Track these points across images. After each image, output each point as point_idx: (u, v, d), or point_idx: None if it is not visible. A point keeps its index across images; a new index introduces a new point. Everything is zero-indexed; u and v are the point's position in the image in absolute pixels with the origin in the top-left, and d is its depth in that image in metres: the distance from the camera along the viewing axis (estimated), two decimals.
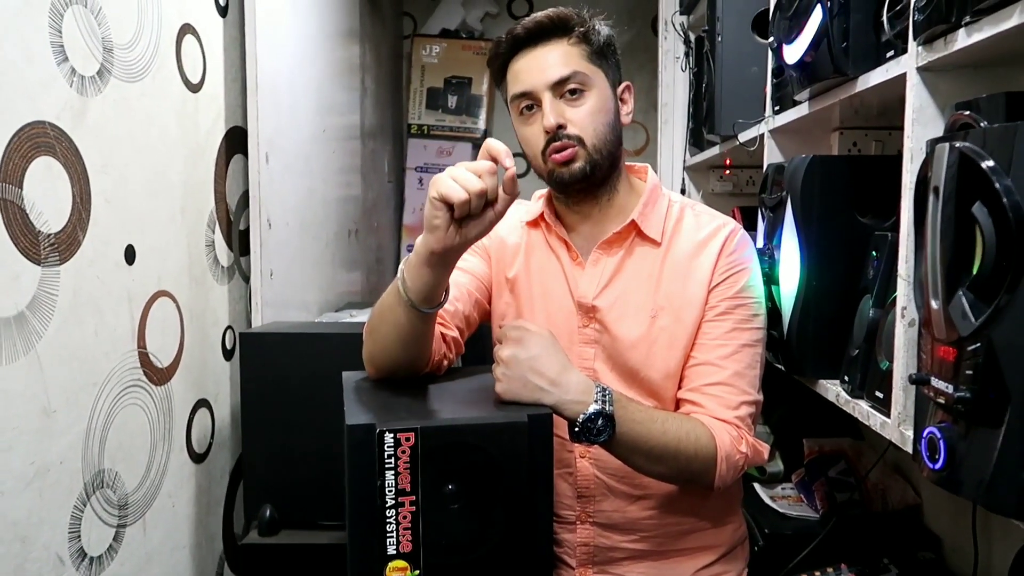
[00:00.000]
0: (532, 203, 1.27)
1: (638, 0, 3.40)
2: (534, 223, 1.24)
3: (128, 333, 1.27)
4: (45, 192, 1.07)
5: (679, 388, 1.16)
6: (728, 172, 2.30)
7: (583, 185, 1.14)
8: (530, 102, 1.13)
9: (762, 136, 1.58)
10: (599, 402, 0.99)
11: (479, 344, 1.27)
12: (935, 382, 0.74)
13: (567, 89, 1.12)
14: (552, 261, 1.22)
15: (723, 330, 1.14)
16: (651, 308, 1.15)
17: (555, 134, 1.11)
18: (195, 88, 1.52)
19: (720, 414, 1.11)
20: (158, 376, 1.37)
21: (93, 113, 1.18)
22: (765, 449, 1.15)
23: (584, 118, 1.12)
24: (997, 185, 0.65)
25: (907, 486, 1.59)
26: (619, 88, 1.19)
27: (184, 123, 1.47)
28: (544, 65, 1.12)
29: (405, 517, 0.91)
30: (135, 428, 1.30)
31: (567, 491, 1.20)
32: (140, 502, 1.31)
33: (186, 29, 1.48)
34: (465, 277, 1.21)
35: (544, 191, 1.26)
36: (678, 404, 1.17)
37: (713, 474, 1.08)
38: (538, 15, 1.15)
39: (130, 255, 1.28)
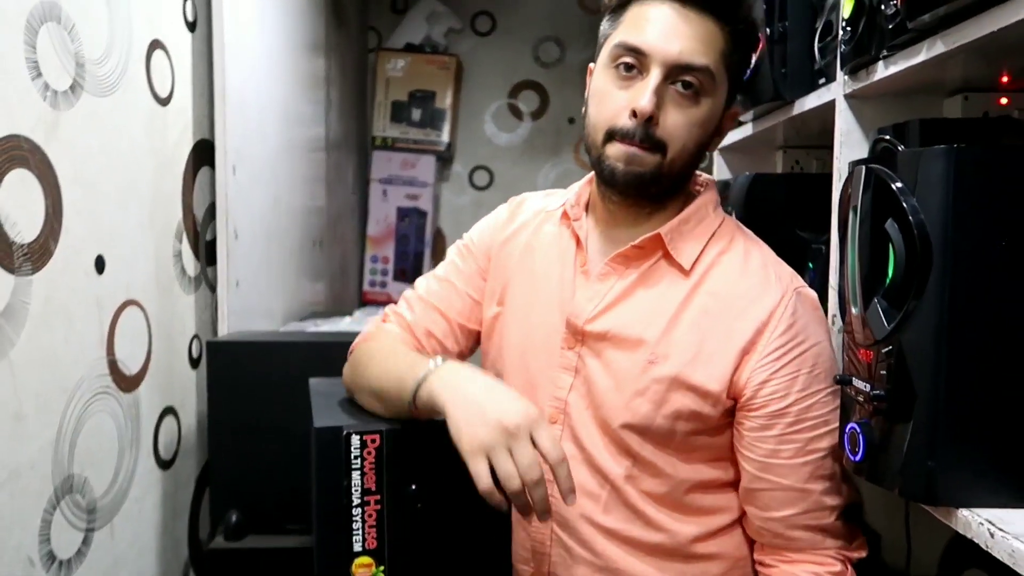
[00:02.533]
0: (567, 190, 1.07)
1: (599, 19, 3.49)
2: (554, 217, 1.05)
3: (97, 341, 1.30)
4: (19, 203, 1.10)
5: (750, 503, 0.96)
6: None
7: (632, 192, 0.95)
8: (634, 62, 0.91)
9: (712, 154, 1.67)
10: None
11: None
12: (856, 382, 0.82)
13: (685, 80, 0.90)
14: (554, 266, 1.02)
15: (799, 445, 0.90)
16: (652, 351, 0.93)
17: (642, 123, 0.89)
18: (164, 102, 1.55)
19: (822, 543, 0.94)
20: (126, 383, 1.40)
21: (65, 127, 1.21)
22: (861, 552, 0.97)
23: (681, 126, 0.90)
24: (904, 204, 0.72)
25: None
26: (729, 110, 0.99)
27: (153, 136, 1.50)
28: (681, 36, 0.89)
29: (371, 515, 0.96)
30: (103, 434, 1.32)
31: (524, 542, 1.03)
32: (108, 507, 1.34)
33: (156, 44, 1.51)
34: (458, 301, 1.07)
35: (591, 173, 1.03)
36: (747, 518, 0.97)
37: None
38: None
39: (100, 264, 1.31)
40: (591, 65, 1.00)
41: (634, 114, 0.89)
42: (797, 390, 0.90)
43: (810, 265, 1.19)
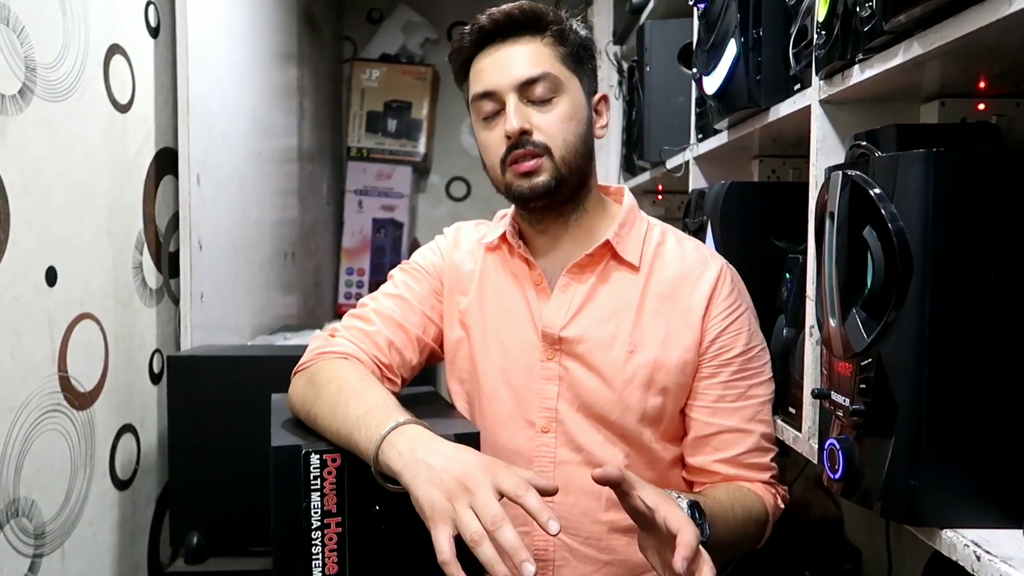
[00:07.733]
0: (493, 223, 1.15)
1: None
2: (495, 246, 1.11)
3: (48, 357, 1.24)
4: None
5: (699, 451, 1.06)
6: (660, 197, 2.37)
7: (546, 202, 1.03)
8: (493, 104, 1.02)
9: (688, 163, 1.64)
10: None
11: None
12: (835, 396, 0.78)
13: (536, 92, 1.00)
14: (512, 287, 1.09)
15: (741, 390, 1.04)
16: (628, 342, 1.02)
17: (518, 140, 1.00)
18: (123, 109, 1.50)
19: (762, 478, 1.06)
20: (80, 401, 1.34)
21: (13, 132, 1.16)
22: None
23: (552, 125, 1.00)
24: (883, 211, 0.70)
25: (828, 501, 1.64)
26: (595, 98, 1.07)
27: (111, 144, 1.45)
28: (511, 63, 1.01)
29: (331, 539, 0.91)
30: (54, 454, 1.26)
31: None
32: (58, 531, 1.27)
33: (115, 49, 1.46)
34: (414, 316, 1.09)
35: (507, 210, 1.14)
36: (692, 468, 1.07)
37: (760, 540, 1.05)
38: (507, 6, 1.02)
39: (51, 277, 1.25)
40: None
41: (508, 137, 1.00)
42: (742, 344, 1.04)
43: (787, 275, 1.16)
